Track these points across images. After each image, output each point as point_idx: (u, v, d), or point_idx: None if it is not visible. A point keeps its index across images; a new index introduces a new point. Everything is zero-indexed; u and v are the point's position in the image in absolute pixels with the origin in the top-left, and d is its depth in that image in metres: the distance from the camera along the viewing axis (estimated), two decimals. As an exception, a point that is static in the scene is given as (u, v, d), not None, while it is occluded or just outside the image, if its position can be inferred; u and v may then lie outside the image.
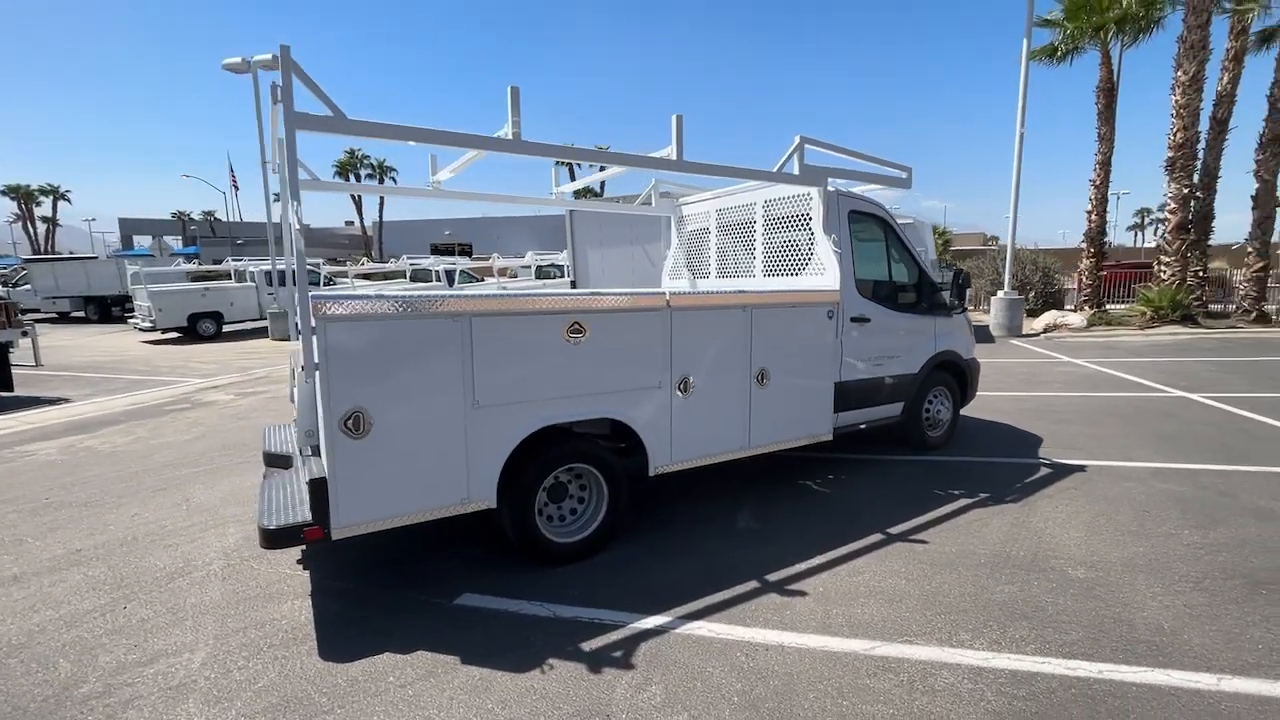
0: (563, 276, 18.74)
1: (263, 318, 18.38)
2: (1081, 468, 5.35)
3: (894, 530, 4.18)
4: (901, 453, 5.86)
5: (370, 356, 3.02)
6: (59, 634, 3.12)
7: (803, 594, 3.39)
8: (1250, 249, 15.73)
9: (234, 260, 20.94)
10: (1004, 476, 5.18)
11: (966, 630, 3.01)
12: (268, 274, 19.17)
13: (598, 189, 34.94)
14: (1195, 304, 15.23)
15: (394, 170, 53.80)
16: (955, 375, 6.04)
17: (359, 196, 54.59)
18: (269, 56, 17.70)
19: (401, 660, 2.86)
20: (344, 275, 20.88)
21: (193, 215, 65.75)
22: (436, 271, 19.60)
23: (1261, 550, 3.77)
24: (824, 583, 3.51)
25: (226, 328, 18.29)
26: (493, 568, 3.75)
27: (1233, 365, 10.27)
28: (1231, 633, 2.94)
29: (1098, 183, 17.27)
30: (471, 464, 3.34)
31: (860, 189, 5.49)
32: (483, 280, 20.51)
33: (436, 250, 52.29)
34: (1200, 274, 15.62)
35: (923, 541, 4.01)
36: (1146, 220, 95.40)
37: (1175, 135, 14.91)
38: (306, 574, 3.72)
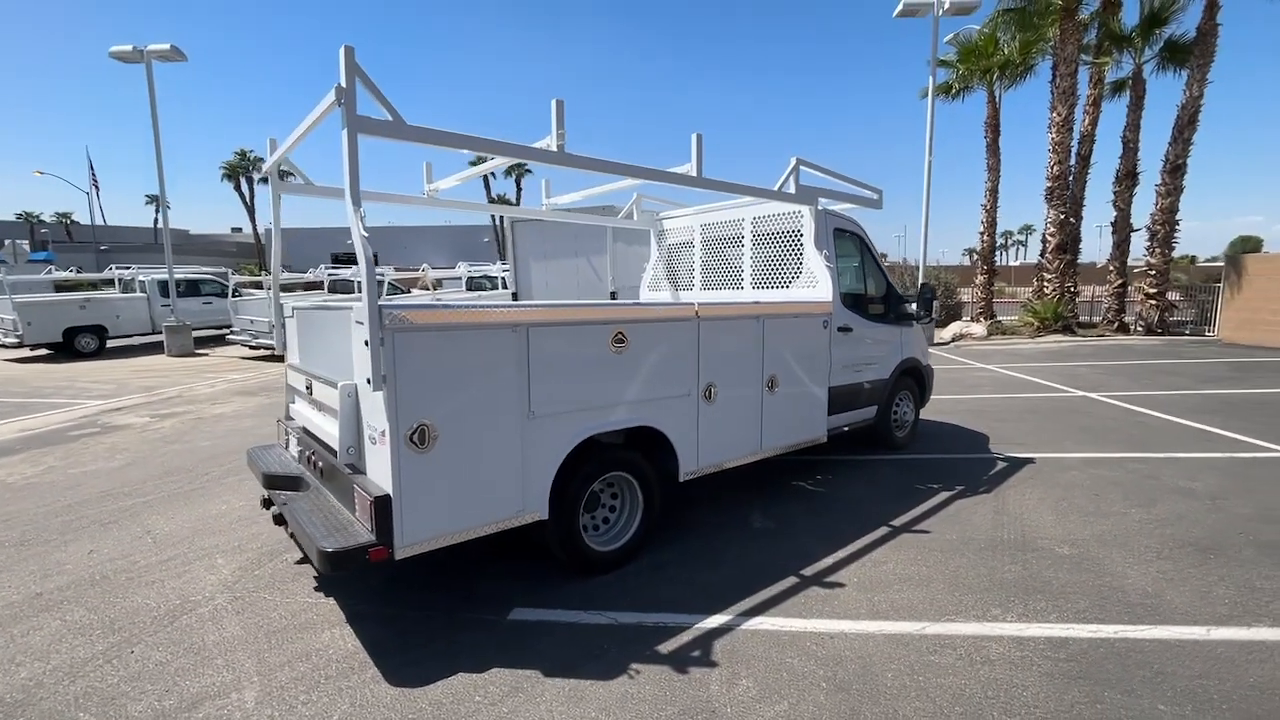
0: (496, 288, 18.35)
1: (156, 332, 16.73)
2: (1031, 460, 6.01)
3: (896, 523, 4.52)
4: (874, 453, 6.30)
5: (435, 367, 2.94)
6: (63, 686, 2.76)
7: (841, 585, 3.61)
8: (1111, 268, 18.16)
9: (119, 268, 18.78)
10: (970, 470, 5.72)
11: (995, 606, 3.34)
12: (161, 284, 17.52)
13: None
14: (1070, 316, 17.35)
15: (291, 174, 50.30)
16: (916, 380, 6.59)
17: (251, 200, 50.64)
18: (166, 47, 16.33)
19: (480, 679, 2.78)
20: (258, 286, 19.27)
21: (42, 217, 58.18)
22: (359, 283, 18.60)
23: (1196, 523, 4.43)
24: (855, 574, 3.75)
25: (111, 343, 16.37)
26: (531, 580, 3.69)
27: (1111, 368, 11.82)
28: (1201, 591, 3.46)
29: (988, 207, 19.30)
30: (527, 475, 3.30)
31: (839, 207, 5.91)
32: (409, 291, 19.69)
33: (338, 259, 49.35)
34: (1072, 290, 17.80)
35: (925, 531, 4.37)
36: (1009, 241, 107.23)
37: (1052, 168, 17.00)
38: (331, 601, 3.49)
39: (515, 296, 14.87)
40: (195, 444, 7.04)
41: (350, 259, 49.39)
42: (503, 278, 18.82)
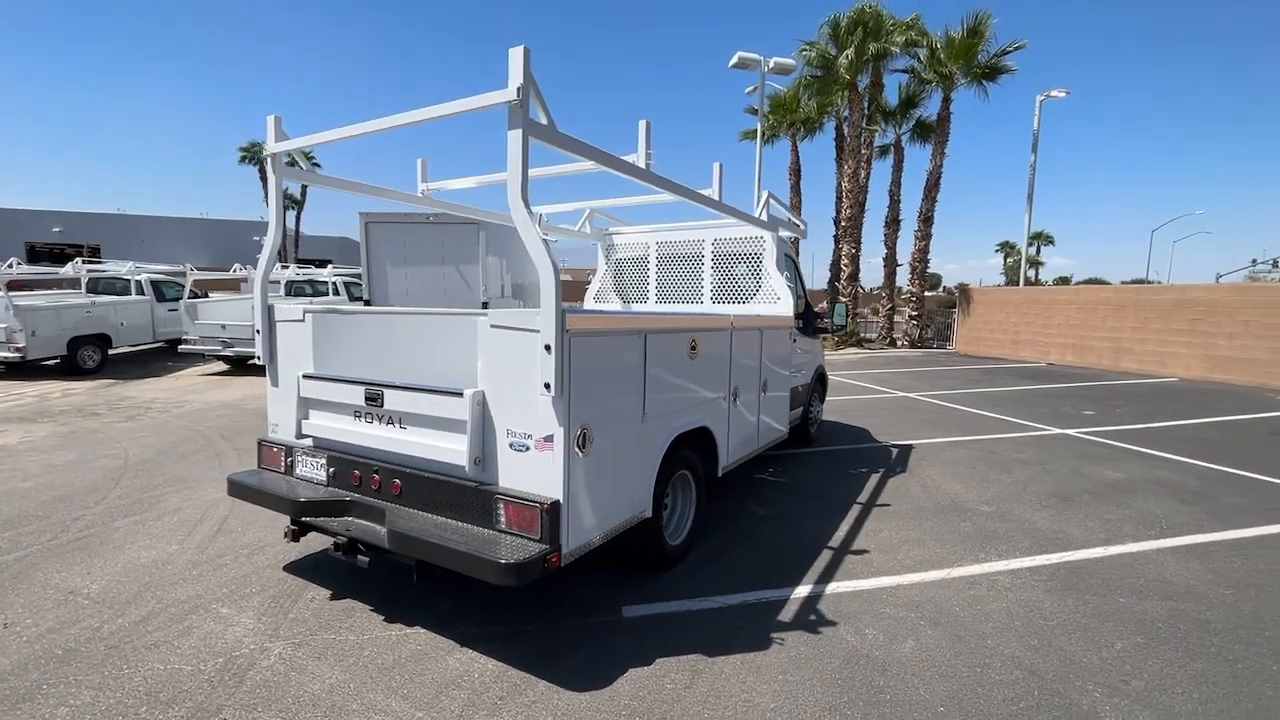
0: (330, 294, 16.42)
1: (156, 341, 14.87)
2: (911, 445, 7.50)
3: (861, 501, 5.42)
4: (794, 448, 7.28)
5: (595, 372, 2.99)
6: (176, 770, 2.23)
7: (866, 551, 4.32)
8: (883, 294, 22.57)
9: (88, 263, 15.81)
10: (878, 456, 6.97)
11: (977, 551, 4.32)
12: (155, 284, 15.12)
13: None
14: (860, 333, 21.18)
15: (297, 164, 38.08)
16: (821, 383, 7.78)
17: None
18: None
19: (656, 670, 2.88)
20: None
21: None
22: (138, 282, 15.19)
23: (1044, 481, 6.05)
24: (867, 542, 4.50)
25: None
26: (606, 585, 3.76)
27: (904, 374, 14.79)
28: (1087, 524, 4.86)
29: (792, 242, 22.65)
30: (641, 475, 3.44)
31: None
32: (205, 296, 16.61)
33: (36, 252, 38.91)
34: (857, 312, 21.74)
35: (886, 505, 5.33)
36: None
37: (845, 211, 20.66)
38: (420, 630, 3.21)
39: (367, 303, 13.59)
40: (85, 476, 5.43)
41: (53, 252, 38.91)
42: (334, 282, 16.95)
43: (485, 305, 13.19)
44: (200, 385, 11.60)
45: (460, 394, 2.99)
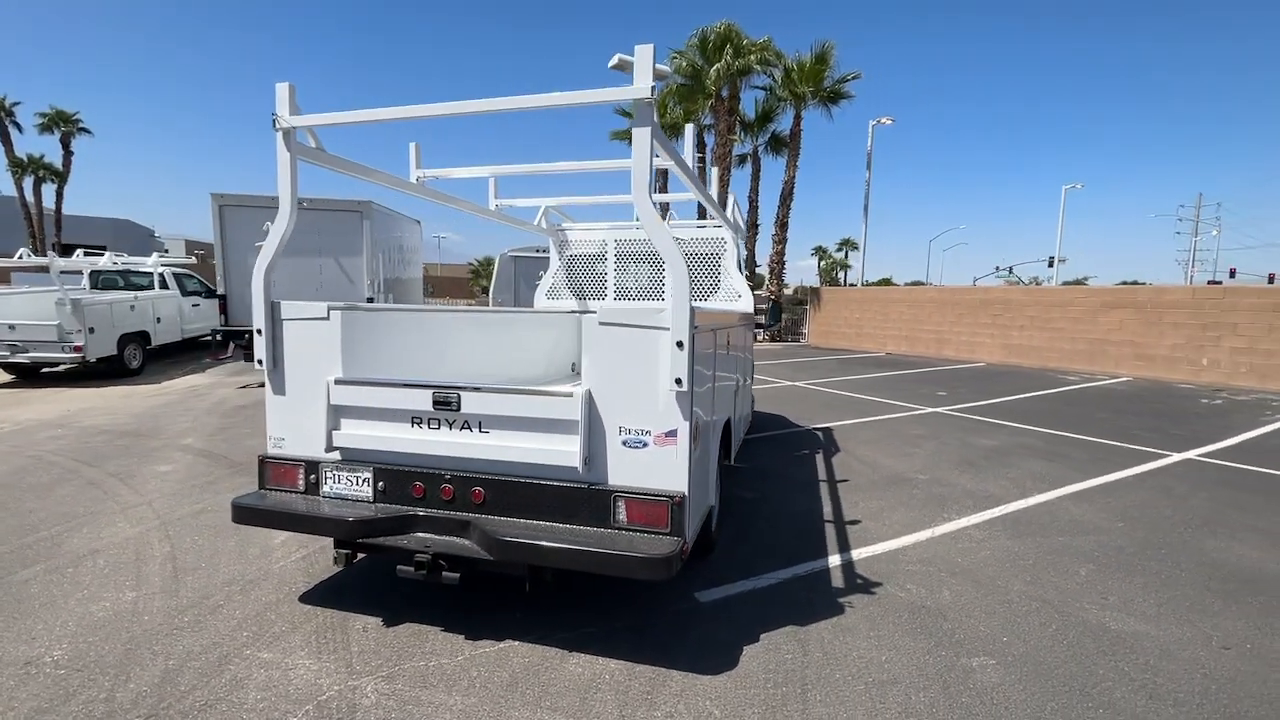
0: (154, 288, 13.86)
1: (183, 339, 13.91)
2: (830, 428, 8.39)
3: (822, 479, 6.03)
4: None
5: (698, 368, 3.08)
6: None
7: (859, 520, 4.87)
8: (743, 292, 24.44)
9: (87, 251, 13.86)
10: (808, 439, 7.71)
11: (942, 513, 5.07)
12: (177, 277, 14.33)
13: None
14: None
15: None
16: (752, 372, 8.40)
17: None
18: None
19: (766, 645, 3.08)
20: None
21: None
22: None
23: (946, 451, 7.17)
24: (853, 512, 5.05)
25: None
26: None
27: (781, 365, 16.25)
28: (1000, 483, 5.90)
29: (663, 239, 23.62)
30: (712, 465, 3.58)
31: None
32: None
33: None
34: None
35: (845, 480, 5.99)
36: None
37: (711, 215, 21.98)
38: (511, 644, 3.07)
39: (223, 297, 11.77)
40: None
41: None
42: (161, 274, 14.34)
43: (371, 300, 12.13)
44: (-1, 402, 9.26)
45: (569, 394, 2.92)
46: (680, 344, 2.79)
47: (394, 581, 3.27)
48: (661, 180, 23.38)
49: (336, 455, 3.33)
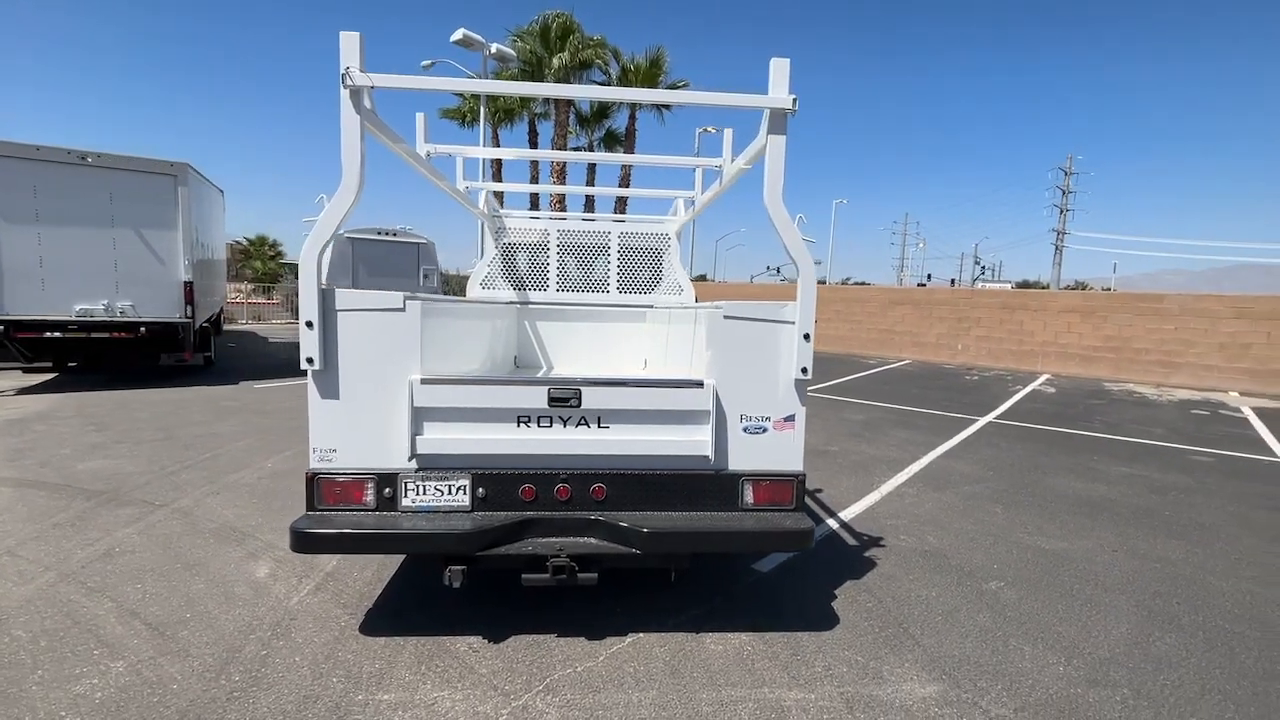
0: None
1: None
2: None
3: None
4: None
5: None
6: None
7: (820, 489, 5.58)
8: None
9: None
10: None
11: (871, 477, 6.02)
12: None
13: None
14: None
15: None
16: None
17: None
18: None
19: (847, 601, 3.52)
20: None
21: None
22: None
23: (833, 427, 8.37)
24: (811, 482, 5.76)
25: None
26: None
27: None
28: (892, 449, 7.10)
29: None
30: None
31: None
32: None
33: None
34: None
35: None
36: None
37: (553, 200, 21.93)
38: (640, 635, 3.09)
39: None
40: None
41: None
42: None
43: (189, 285, 10.09)
44: None
45: (700, 384, 3.01)
46: (807, 336, 3.06)
47: (435, 594, 3.15)
48: (495, 165, 22.63)
49: (414, 464, 2.97)
